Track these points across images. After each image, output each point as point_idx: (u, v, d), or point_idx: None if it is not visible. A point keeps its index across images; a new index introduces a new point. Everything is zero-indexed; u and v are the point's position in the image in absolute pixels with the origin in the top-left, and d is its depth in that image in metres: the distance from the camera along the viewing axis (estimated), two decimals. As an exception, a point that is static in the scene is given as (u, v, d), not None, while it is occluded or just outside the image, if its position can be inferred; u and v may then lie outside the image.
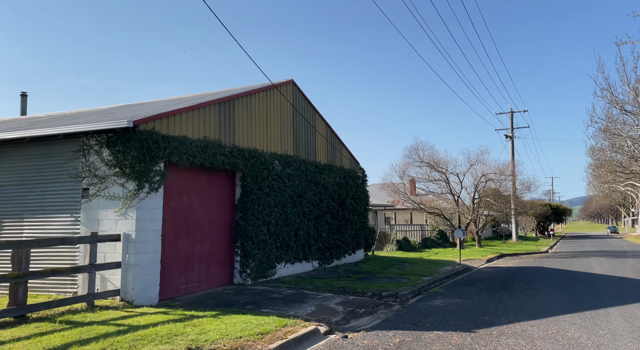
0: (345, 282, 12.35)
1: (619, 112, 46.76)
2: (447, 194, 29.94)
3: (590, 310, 8.55)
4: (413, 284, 12.15)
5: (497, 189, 33.47)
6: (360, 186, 18.89)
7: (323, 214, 15.53)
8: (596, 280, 13.06)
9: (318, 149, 16.07)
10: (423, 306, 9.48)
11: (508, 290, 11.37)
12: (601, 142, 58.46)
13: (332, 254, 16.22)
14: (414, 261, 18.71)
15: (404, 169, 27.95)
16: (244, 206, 11.90)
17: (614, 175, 60.63)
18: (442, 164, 28.03)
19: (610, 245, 34.86)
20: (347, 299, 10.34)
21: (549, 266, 17.77)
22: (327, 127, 16.81)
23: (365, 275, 13.93)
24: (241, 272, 11.84)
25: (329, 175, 16.21)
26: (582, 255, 23.33)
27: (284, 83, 14.01)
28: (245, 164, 11.79)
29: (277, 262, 13.08)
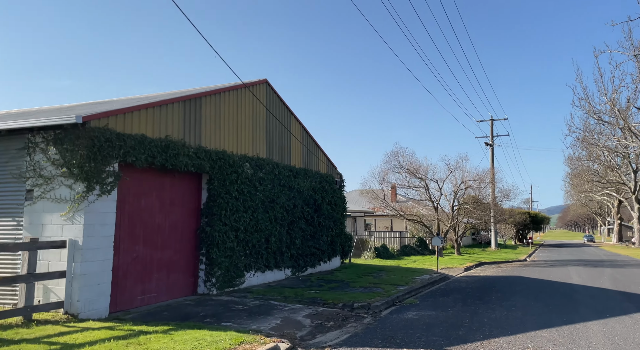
0: (317, 292, 11.75)
1: (596, 122, 47.63)
2: (426, 201, 29.66)
3: (569, 324, 8.14)
4: (387, 294, 11.63)
5: (477, 197, 33.39)
6: (338, 192, 18.38)
7: (297, 220, 14.93)
8: (574, 291, 12.75)
9: (293, 153, 15.49)
10: (395, 319, 8.94)
11: (485, 301, 10.94)
12: (579, 152, 59.52)
13: (306, 261, 15.61)
14: (391, 269, 18.23)
15: (383, 175, 27.60)
16: (210, 211, 11.22)
17: (590, 184, 61.72)
18: (421, 171, 27.77)
19: (588, 254, 35.07)
20: (317, 310, 9.74)
21: (527, 275, 17.48)
22: (303, 129, 16.26)
23: (339, 285, 13.36)
24: (206, 282, 11.13)
25: (304, 180, 15.64)
26: (560, 264, 23.21)
27: (257, 83, 13.43)
28: (212, 166, 11.13)
29: (246, 270, 12.41)
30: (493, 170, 36.94)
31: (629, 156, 50.48)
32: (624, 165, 52.62)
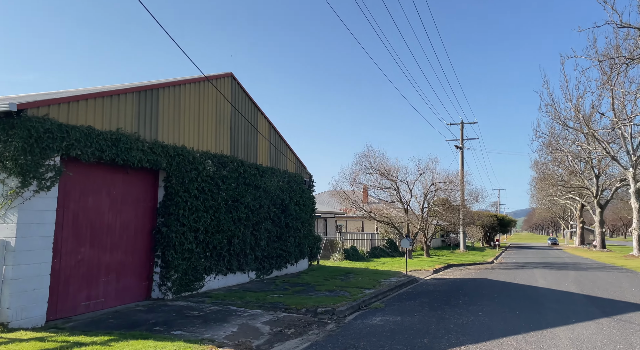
0: (281, 296, 11.23)
1: (561, 128, 48.95)
2: (397, 203, 29.56)
3: (535, 330, 7.91)
4: (353, 298, 11.22)
5: (446, 199, 33.60)
6: (306, 192, 17.90)
7: (263, 221, 14.36)
8: (540, 294, 12.69)
9: (260, 151, 14.92)
10: (360, 325, 8.53)
11: (452, 305, 10.67)
12: (544, 157, 61.09)
13: (272, 264, 15.06)
14: (360, 272, 17.89)
15: (354, 176, 27.30)
16: (167, 210, 10.54)
17: (555, 188, 63.45)
18: (392, 172, 27.63)
19: (552, 257, 35.82)
20: (278, 316, 9.22)
21: (494, 278, 17.46)
22: (270, 127, 15.71)
23: (304, 288, 12.87)
24: (161, 286, 10.44)
25: (271, 179, 15.09)
26: (526, 267, 23.45)
27: (221, 76, 12.81)
28: (169, 163, 10.45)
29: (206, 273, 11.76)
30: (462, 172, 37.31)
31: (591, 161, 52.10)
32: (587, 170, 54.29)
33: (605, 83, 30.55)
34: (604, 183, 52.72)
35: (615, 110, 36.52)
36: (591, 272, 20.42)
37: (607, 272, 20.61)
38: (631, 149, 39.43)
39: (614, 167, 51.86)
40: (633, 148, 39.41)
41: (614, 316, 9.15)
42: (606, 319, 8.89)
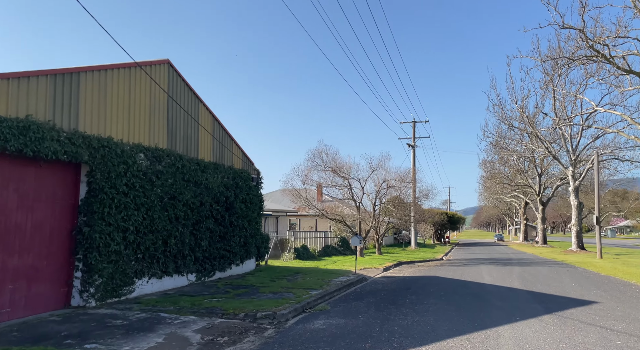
0: (219, 300, 10.47)
1: (507, 128, 50.83)
2: (349, 200, 29.34)
3: (480, 330, 7.66)
4: (297, 301, 10.65)
5: (398, 197, 33.81)
6: (254, 189, 17.13)
7: (204, 220, 13.49)
8: (486, 291, 12.67)
9: (202, 145, 14.02)
10: (301, 330, 7.96)
11: (398, 305, 10.34)
12: (492, 156, 63.43)
13: (214, 265, 14.21)
14: (309, 271, 17.37)
15: (306, 173, 26.76)
16: (89, 208, 9.50)
17: (501, 186, 65.97)
18: (344, 169, 27.34)
19: (498, 253, 36.96)
20: (213, 323, 8.49)
21: (442, 275, 17.48)
22: (214, 120, 14.83)
23: (247, 290, 12.16)
24: (82, 292, 9.40)
25: (214, 175, 14.24)
26: (473, 263, 23.85)
27: (156, 63, 11.83)
28: (92, 155, 9.43)
29: (137, 277, 10.79)
30: (414, 170, 37.73)
31: (535, 161, 54.53)
32: (530, 169, 56.79)
33: (548, 84, 31.79)
34: (546, 181, 55.35)
35: (557, 111, 38.22)
36: (534, 267, 20.99)
37: (548, 267, 21.27)
38: (571, 148, 41.43)
39: (555, 166, 54.54)
40: (572, 147, 41.43)
41: (557, 313, 9.13)
42: (549, 316, 8.83)
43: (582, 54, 20.86)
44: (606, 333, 7.34)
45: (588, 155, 42.45)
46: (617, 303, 10.32)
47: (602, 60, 21.00)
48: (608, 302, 10.38)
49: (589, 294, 11.78)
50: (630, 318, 8.52)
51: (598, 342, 6.74)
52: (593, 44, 19.71)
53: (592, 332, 7.40)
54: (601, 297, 11.19)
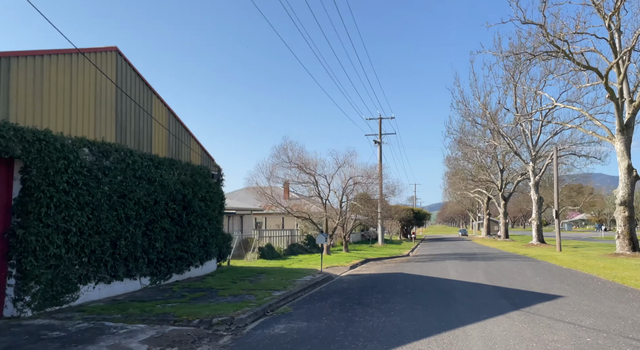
0: (173, 306, 9.73)
1: (471, 125, 51.77)
2: (316, 197, 28.87)
3: (448, 330, 7.32)
4: (259, 303, 10.06)
5: (365, 193, 33.65)
6: (214, 186, 16.35)
7: (159, 219, 12.65)
8: (453, 287, 12.46)
9: (156, 139, 13.16)
10: (259, 336, 7.38)
11: (364, 305, 9.92)
12: (456, 152, 64.67)
13: (171, 267, 13.39)
14: (273, 271, 16.77)
15: (271, 170, 26.06)
16: (24, 209, 8.57)
17: (465, 182, 67.32)
18: (311, 166, 26.83)
19: (462, 248, 37.47)
20: (163, 331, 7.78)
21: (409, 272, 17.27)
22: (169, 114, 13.97)
23: (205, 294, 11.45)
24: (16, 301, 8.46)
25: (170, 172, 13.41)
26: (439, 259, 23.89)
27: (103, 50, 10.90)
28: (26, 150, 8.49)
29: (82, 282, 9.90)
30: (381, 167, 37.71)
31: (497, 157, 55.85)
32: (492, 165, 58.17)
33: (509, 80, 32.36)
34: (508, 177, 56.82)
35: (518, 108, 39.10)
36: (498, 262, 21.18)
37: (512, 261, 21.52)
38: (531, 144, 42.55)
39: (516, 162, 56.04)
40: (532, 143, 42.55)
41: (524, 309, 8.94)
42: (516, 312, 8.63)
43: (543, 50, 21.17)
44: (575, 330, 7.15)
45: (547, 151, 43.75)
46: (581, 297, 10.29)
47: (562, 56, 21.40)
48: (573, 296, 10.34)
49: (554, 288, 11.76)
50: (597, 313, 8.42)
51: (568, 340, 6.51)
52: (553, 39, 20.01)
53: (561, 329, 7.20)
54: (565, 291, 11.17)
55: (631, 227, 22.42)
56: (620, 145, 22.57)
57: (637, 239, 22.82)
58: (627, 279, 13.26)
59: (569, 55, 20.78)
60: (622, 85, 22.37)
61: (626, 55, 21.72)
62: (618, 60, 21.35)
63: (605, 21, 20.88)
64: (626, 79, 22.53)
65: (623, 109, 22.53)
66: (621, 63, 22.04)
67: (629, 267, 16.68)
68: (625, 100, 22.34)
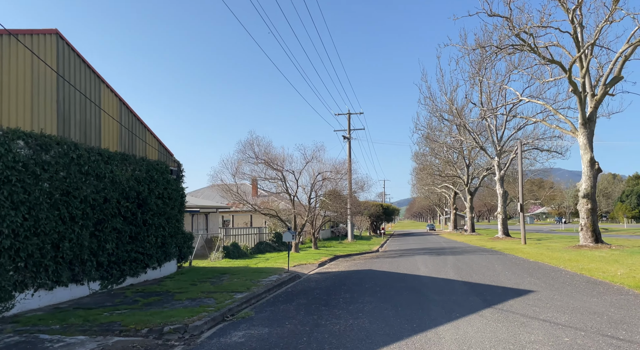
0: (122, 313, 8.86)
1: (438, 121, 52.24)
2: (284, 194, 28.16)
3: (420, 332, 6.82)
4: (218, 307, 9.31)
5: (335, 190, 33.19)
6: (173, 183, 15.39)
7: (109, 219, 11.66)
8: (423, 284, 12.07)
9: (105, 132, 12.13)
10: (214, 346, 6.67)
11: (331, 306, 9.35)
12: (424, 148, 65.27)
13: (124, 270, 12.41)
14: (238, 271, 15.99)
15: (237, 166, 25.12)
16: (-58, 208, 7.50)
17: (432, 178, 68.12)
18: (278, 161, 26.06)
19: (431, 242, 37.64)
20: (106, 344, 6.94)
21: (378, 268, 16.86)
22: (121, 105, 12.94)
23: (161, 298, 10.59)
24: None
25: (123, 167, 12.41)
26: (408, 254, 23.68)
27: (40, 32, 9.82)
28: (-57, 142, 7.42)
29: (18, 290, 8.88)
30: (350, 162, 37.31)
31: (463, 152, 56.65)
32: (459, 160, 58.98)
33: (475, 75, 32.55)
34: (474, 172, 57.75)
35: (483, 103, 39.56)
36: (466, 256, 21.11)
37: (480, 255, 21.52)
38: (496, 139, 43.19)
39: (482, 158, 57.02)
40: (498, 138, 43.22)
41: (496, 306, 8.58)
42: (489, 310, 8.25)
43: (509, 43, 21.18)
44: (551, 328, 6.79)
45: (511, 146, 44.59)
46: (552, 291, 10.07)
47: (528, 50, 21.48)
48: (544, 291, 10.11)
49: (524, 283, 11.54)
50: (571, 308, 8.14)
51: (546, 340, 6.12)
52: (519, 32, 20.01)
53: (537, 328, 6.83)
54: (536, 286, 10.96)
55: (594, 219, 22.85)
56: (583, 139, 22.93)
57: (600, 230, 23.30)
58: (594, 271, 13.26)
59: (534, 48, 20.87)
60: (584, 79, 22.71)
61: (588, 50, 22.04)
62: (581, 53, 21.62)
63: (568, 15, 21.09)
64: (588, 73, 22.89)
65: (585, 103, 22.89)
66: (583, 57, 22.36)
67: (594, 259, 16.84)
68: (588, 94, 22.69)
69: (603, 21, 20.10)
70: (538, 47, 21.09)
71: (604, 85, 22.28)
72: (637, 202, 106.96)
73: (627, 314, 7.48)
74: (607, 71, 22.08)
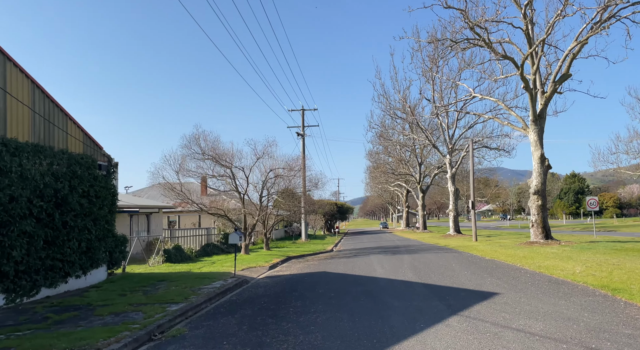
0: (21, 336, 7.22)
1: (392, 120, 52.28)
2: (233, 192, 26.57)
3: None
4: (145, 324, 7.88)
5: (288, 188, 31.99)
6: (102, 180, 13.61)
7: (17, 221, 9.85)
8: (381, 288, 11.15)
9: (12, 120, 10.28)
10: (129, 379, 5.29)
11: (279, 318, 8.17)
12: (377, 147, 65.41)
13: (38, 280, 10.60)
14: (178, 277, 14.43)
15: (181, 163, 23.28)
16: None
17: (386, 176, 68.49)
18: (227, 157, 24.48)
19: (385, 241, 37.29)
20: (-15, 382, 5.38)
21: (332, 270, 15.85)
22: (35, 88, 11.09)
23: (78, 313, 8.98)
24: None
25: (36, 161, 10.58)
26: (363, 254, 22.91)
27: None
28: None
29: None
30: (304, 159, 36.25)
31: (415, 150, 57.16)
32: (411, 159, 59.50)
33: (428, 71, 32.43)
34: (425, 170, 58.43)
35: (437, 100, 39.76)
36: (422, 254, 20.59)
37: (435, 253, 21.07)
38: (448, 137, 43.66)
39: (433, 156, 57.80)
40: (449, 136, 43.70)
41: (462, 313, 7.74)
42: (456, 318, 7.38)
43: (464, 37, 20.87)
44: (528, 340, 5.97)
45: (461, 144, 45.28)
46: (517, 293, 9.41)
47: (482, 45, 21.27)
48: (509, 293, 9.43)
49: (486, 284, 10.89)
50: (542, 313, 7.43)
51: (526, 356, 5.26)
52: (473, 26, 19.70)
53: (513, 340, 5.98)
54: (499, 287, 10.31)
55: (544, 216, 23.08)
56: (534, 135, 23.10)
57: (549, 227, 23.59)
58: (552, 269, 12.91)
59: (488, 43, 20.69)
60: (535, 76, 22.88)
61: (539, 46, 22.17)
62: (533, 49, 21.70)
63: (521, 10, 21.08)
64: (539, 70, 23.09)
65: (536, 100, 23.06)
66: (534, 54, 22.49)
67: (548, 256, 16.71)
68: (539, 91, 22.88)
69: (555, 16, 20.20)
70: (492, 42, 20.93)
71: (554, 83, 22.53)
72: (574, 199, 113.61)
73: (603, 320, 6.84)
74: (557, 69, 22.35)
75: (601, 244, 21.71)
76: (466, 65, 27.95)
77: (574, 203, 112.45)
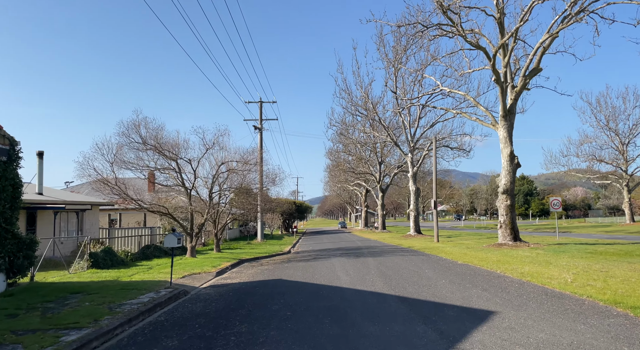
0: None
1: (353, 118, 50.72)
2: (179, 187, 23.80)
3: None
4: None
5: (243, 185, 29.50)
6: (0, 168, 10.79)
7: None
8: (348, 303, 9.12)
9: None
10: None
11: None
12: (337, 145, 63.83)
13: None
14: (100, 288, 11.81)
15: (116, 152, 20.27)
16: None
17: (345, 175, 67.10)
18: (172, 147, 21.72)
19: (345, 241, 35.56)
20: None
21: (290, 278, 13.70)
22: None
23: None
24: None
25: None
26: (324, 256, 20.90)
27: None
28: None
29: None
30: (262, 153, 33.78)
31: (376, 149, 55.99)
32: (372, 158, 58.33)
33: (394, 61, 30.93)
34: (385, 169, 57.44)
35: (399, 97, 38.48)
36: (387, 257, 18.84)
37: (401, 256, 19.40)
38: (410, 136, 42.61)
39: (393, 156, 56.89)
40: (411, 135, 42.66)
41: (461, 346, 5.81)
42: (456, 354, 5.44)
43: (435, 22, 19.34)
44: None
45: (421, 144, 44.44)
46: (518, 312, 7.64)
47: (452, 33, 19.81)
48: (507, 312, 7.65)
49: (473, 297, 9.10)
50: (566, 346, 5.62)
51: None
52: (446, 10, 18.18)
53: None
54: (491, 302, 8.53)
55: (512, 216, 22.02)
56: (504, 132, 21.98)
57: (518, 228, 22.57)
58: (538, 277, 11.40)
59: (460, 31, 19.26)
60: (506, 68, 21.76)
61: (511, 38, 21.02)
62: (506, 40, 20.50)
63: None
64: (509, 65, 22.00)
65: (506, 94, 21.94)
66: (506, 46, 21.34)
67: (523, 260, 15.38)
68: (509, 84, 21.77)
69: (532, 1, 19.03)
70: (465, 31, 19.54)
71: (524, 77, 21.49)
72: (523, 200, 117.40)
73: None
74: (527, 62, 21.30)
75: (569, 246, 20.87)
76: (433, 58, 26.60)
77: (523, 204, 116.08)
